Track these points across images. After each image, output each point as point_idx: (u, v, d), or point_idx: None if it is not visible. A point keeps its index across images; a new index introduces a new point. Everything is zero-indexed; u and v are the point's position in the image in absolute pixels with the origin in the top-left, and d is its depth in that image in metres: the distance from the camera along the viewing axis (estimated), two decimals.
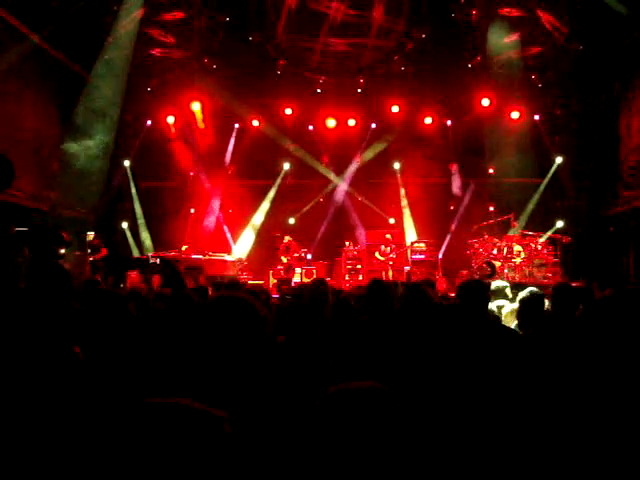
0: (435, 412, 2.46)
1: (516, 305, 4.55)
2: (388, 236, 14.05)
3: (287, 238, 13.80)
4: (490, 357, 2.87)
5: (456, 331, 3.08)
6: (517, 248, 12.29)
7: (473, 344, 3.04)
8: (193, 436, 1.26)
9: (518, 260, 12.12)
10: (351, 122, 15.16)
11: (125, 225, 15.02)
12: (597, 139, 13.78)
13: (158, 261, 11.67)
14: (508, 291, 5.11)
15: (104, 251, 12.35)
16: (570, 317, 3.42)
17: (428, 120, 14.90)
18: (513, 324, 4.52)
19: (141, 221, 15.19)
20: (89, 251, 12.22)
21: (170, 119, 14.95)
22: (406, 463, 1.42)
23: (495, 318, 4.26)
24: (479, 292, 3.52)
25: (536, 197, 14.51)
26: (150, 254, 12.77)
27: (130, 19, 12.50)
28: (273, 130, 15.18)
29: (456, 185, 15.15)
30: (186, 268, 11.86)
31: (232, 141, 15.54)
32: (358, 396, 1.48)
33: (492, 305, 4.91)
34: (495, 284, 5.17)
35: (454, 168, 15.18)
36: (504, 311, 4.79)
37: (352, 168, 15.45)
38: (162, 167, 15.29)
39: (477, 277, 10.89)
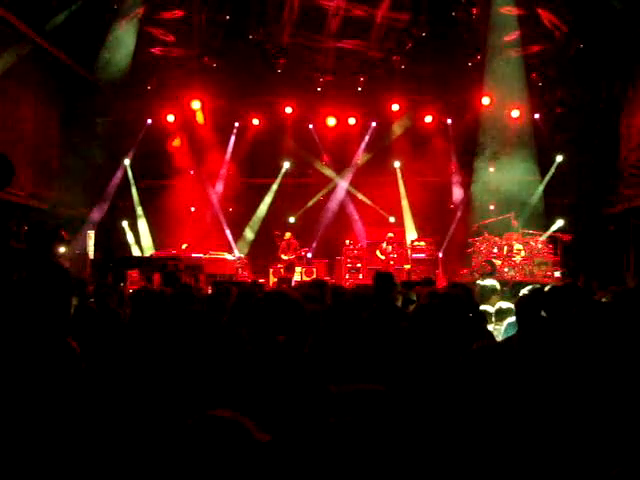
0: (433, 411, 2.46)
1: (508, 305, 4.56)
2: (390, 234, 13.94)
3: (288, 235, 13.67)
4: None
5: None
6: (517, 247, 12.28)
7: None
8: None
9: (518, 259, 12.11)
10: (351, 121, 15.13)
11: (125, 224, 15.01)
12: (597, 137, 13.75)
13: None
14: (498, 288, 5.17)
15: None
16: (565, 318, 3.39)
17: (428, 119, 14.90)
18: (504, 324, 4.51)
19: (141, 220, 15.19)
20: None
21: (170, 118, 14.92)
22: (403, 464, 1.42)
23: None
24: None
25: (536, 196, 14.49)
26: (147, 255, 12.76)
27: (130, 18, 12.49)
28: (273, 129, 15.18)
29: (456, 191, 15.18)
30: (186, 267, 11.86)
31: (232, 140, 15.53)
32: (358, 398, 1.48)
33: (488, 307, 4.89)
34: (485, 283, 5.20)
35: (454, 167, 15.18)
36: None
37: (352, 167, 15.46)
38: (162, 166, 15.27)
39: (477, 275, 10.87)
